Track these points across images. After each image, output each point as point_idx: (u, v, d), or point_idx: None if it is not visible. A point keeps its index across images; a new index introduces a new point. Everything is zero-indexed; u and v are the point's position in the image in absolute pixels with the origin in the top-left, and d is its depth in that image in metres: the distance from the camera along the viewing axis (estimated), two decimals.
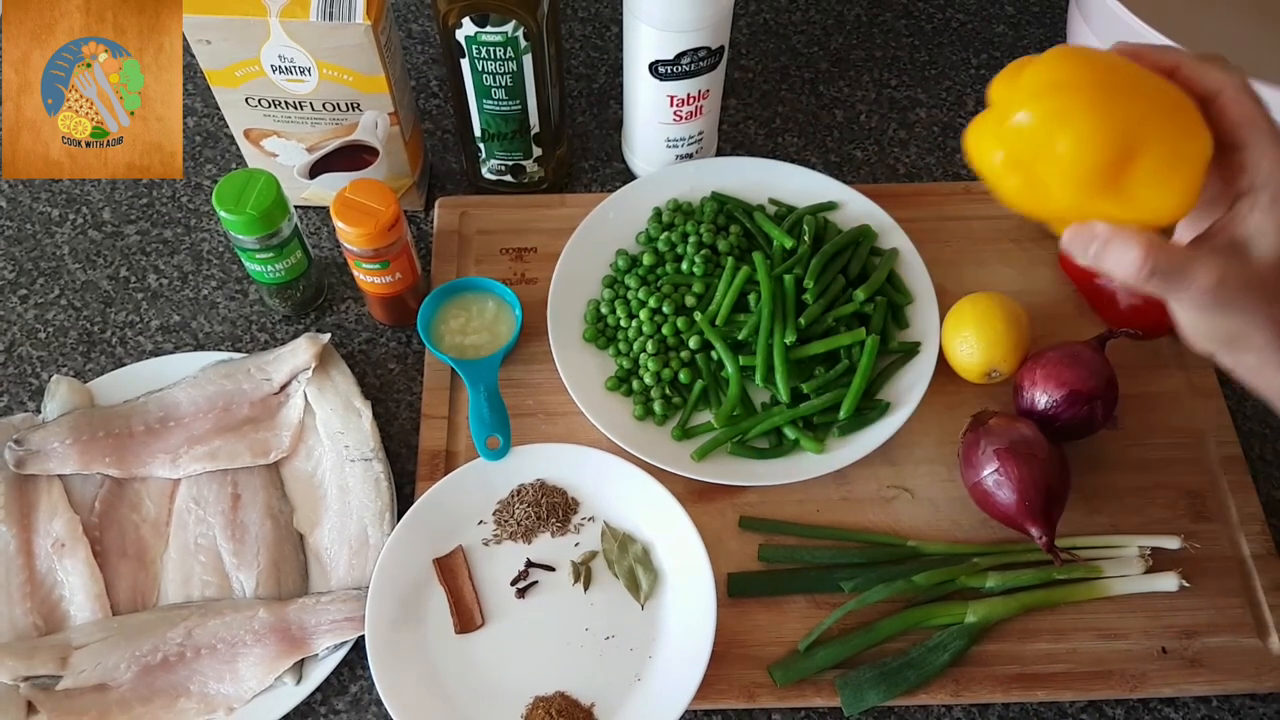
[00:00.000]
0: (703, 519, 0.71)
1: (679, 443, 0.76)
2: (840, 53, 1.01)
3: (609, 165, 0.93)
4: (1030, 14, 1.03)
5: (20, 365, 0.82)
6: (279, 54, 0.74)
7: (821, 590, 0.71)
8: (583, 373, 0.78)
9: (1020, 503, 0.67)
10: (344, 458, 0.75)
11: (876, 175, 0.92)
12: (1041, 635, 0.69)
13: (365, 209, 0.72)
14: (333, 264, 0.86)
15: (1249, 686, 0.68)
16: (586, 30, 1.02)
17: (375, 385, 0.81)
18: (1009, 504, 0.68)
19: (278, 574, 0.72)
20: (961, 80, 0.99)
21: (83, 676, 0.67)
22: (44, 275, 0.86)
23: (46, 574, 0.71)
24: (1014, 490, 0.67)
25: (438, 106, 0.96)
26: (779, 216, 0.84)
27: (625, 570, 0.71)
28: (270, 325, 0.84)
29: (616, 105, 0.96)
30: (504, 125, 0.81)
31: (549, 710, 0.66)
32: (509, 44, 0.74)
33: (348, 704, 0.69)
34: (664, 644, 0.69)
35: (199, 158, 0.92)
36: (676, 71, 0.77)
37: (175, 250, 0.87)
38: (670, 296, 0.79)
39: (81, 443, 0.74)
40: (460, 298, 0.81)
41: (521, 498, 0.73)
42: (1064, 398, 0.71)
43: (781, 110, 0.96)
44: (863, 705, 0.66)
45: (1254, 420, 0.80)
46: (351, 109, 0.78)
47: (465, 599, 0.70)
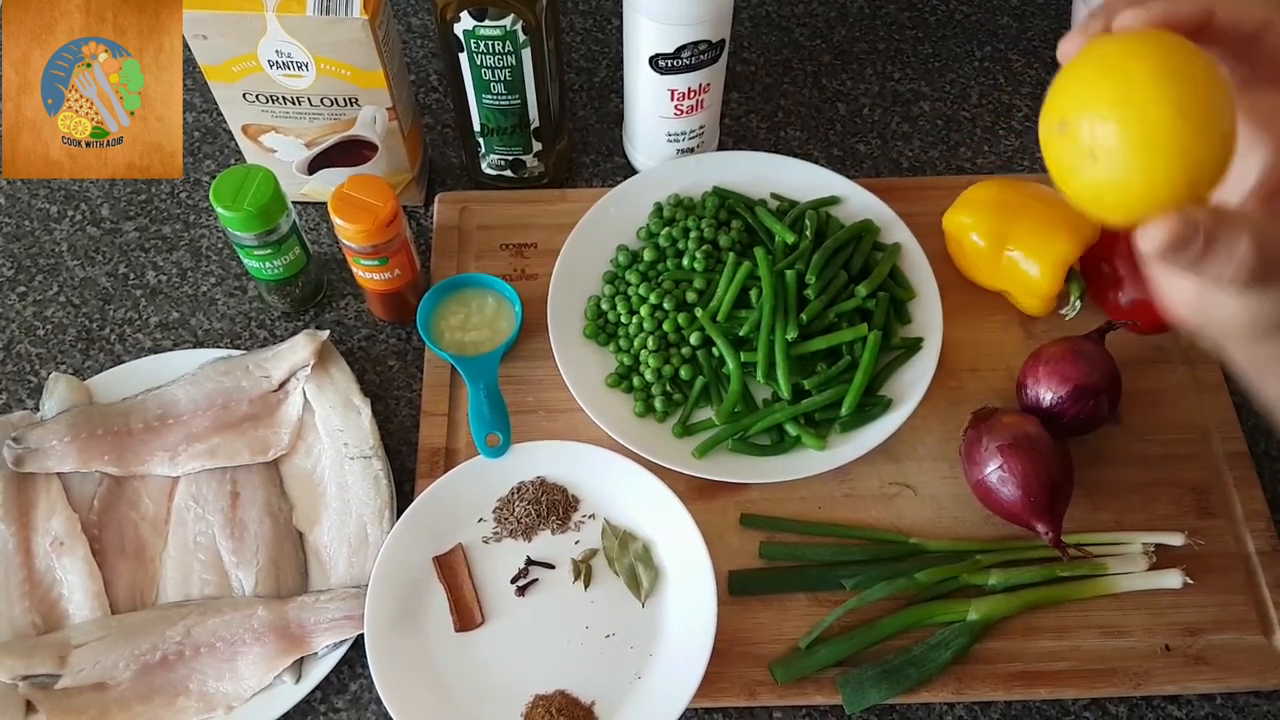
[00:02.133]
0: (704, 516, 0.71)
1: (680, 440, 0.75)
2: (843, 45, 1.00)
3: (610, 160, 0.92)
4: (1034, 5, 1.02)
5: (19, 363, 0.81)
6: (276, 49, 0.73)
7: (823, 588, 0.70)
8: (583, 369, 0.77)
9: (1024, 499, 0.67)
10: (343, 455, 0.75)
11: (879, 169, 0.92)
12: (1044, 633, 0.69)
13: (364, 205, 0.72)
14: (332, 260, 0.86)
15: (1253, 684, 0.68)
16: (586, 23, 1.01)
17: (375, 382, 0.81)
18: (1013, 500, 0.67)
19: (277, 572, 0.71)
20: (965, 73, 0.98)
21: (82, 675, 0.67)
22: (42, 272, 0.86)
23: (45, 572, 0.71)
24: (1018, 486, 0.67)
25: (437, 101, 0.96)
26: (781, 211, 0.84)
27: (626, 568, 0.71)
28: (269, 322, 0.84)
29: (617, 99, 0.95)
30: (503, 120, 0.81)
31: (549, 709, 0.66)
32: (508, 38, 0.73)
33: (347, 702, 0.69)
34: (665, 642, 0.69)
35: (197, 154, 0.92)
36: (677, 65, 0.77)
37: (174, 247, 0.87)
38: (671, 292, 0.79)
39: (80, 440, 0.74)
40: (460, 294, 0.81)
41: (521, 495, 0.73)
42: (1068, 393, 0.70)
43: (783, 104, 0.96)
44: (864, 703, 0.66)
45: (1259, 415, 0.79)
46: (350, 104, 0.78)
47: (465, 597, 0.70)
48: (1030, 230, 0.77)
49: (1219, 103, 0.36)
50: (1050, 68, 0.98)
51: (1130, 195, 0.38)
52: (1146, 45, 0.38)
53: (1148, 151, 0.36)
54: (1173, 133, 0.36)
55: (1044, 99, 0.41)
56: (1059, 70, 0.40)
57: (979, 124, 0.95)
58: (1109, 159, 0.37)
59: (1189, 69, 0.37)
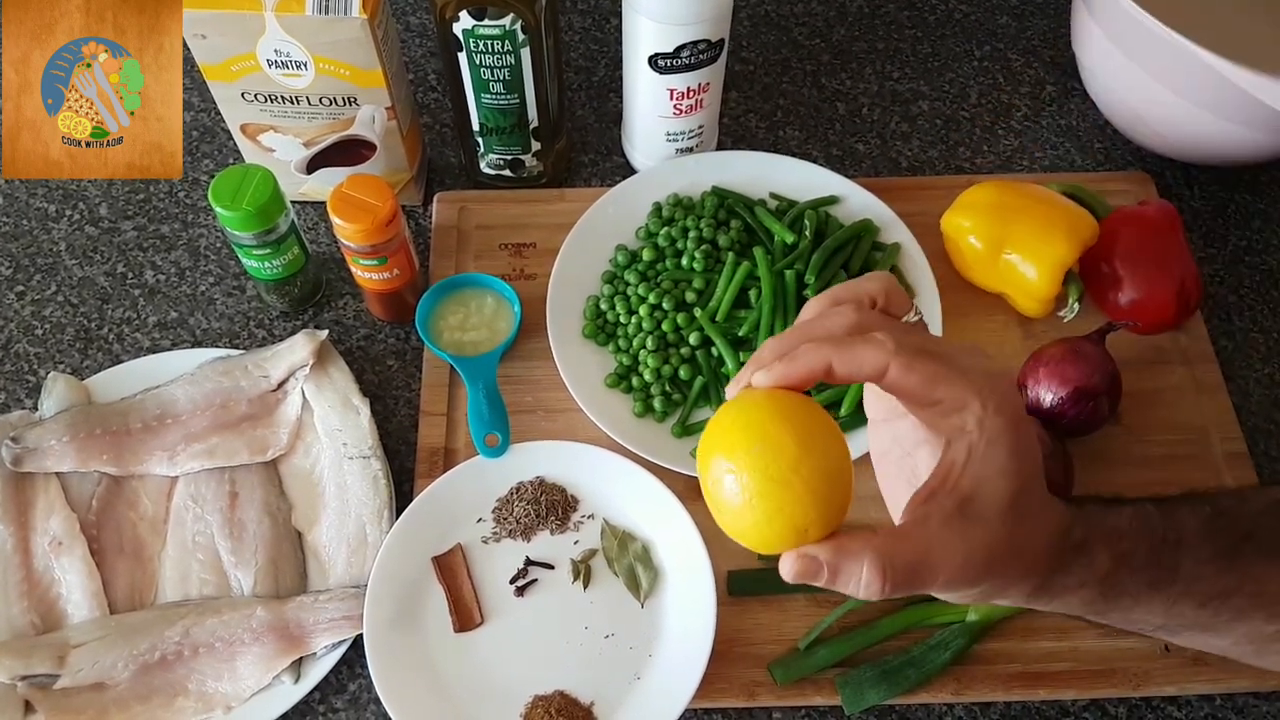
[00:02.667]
0: (703, 516, 0.70)
1: (679, 440, 0.75)
2: (842, 45, 1.00)
3: (608, 159, 0.92)
4: (1034, 5, 1.02)
5: (17, 362, 0.81)
6: (275, 48, 0.73)
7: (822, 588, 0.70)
8: (582, 369, 0.77)
9: None
10: (342, 455, 0.75)
11: (878, 169, 0.92)
12: (1043, 633, 0.69)
13: (363, 204, 0.72)
14: (330, 260, 0.86)
15: (1252, 685, 0.68)
16: (585, 23, 1.01)
17: (373, 382, 0.81)
18: None
19: (276, 572, 0.71)
20: (964, 72, 0.98)
21: (80, 675, 0.67)
22: (41, 272, 0.86)
23: (44, 572, 0.71)
24: None
25: (436, 100, 0.96)
26: (780, 211, 0.84)
27: (625, 568, 0.71)
28: (268, 322, 0.83)
29: (616, 99, 0.95)
30: (502, 119, 0.81)
31: (548, 709, 0.66)
32: (507, 37, 0.73)
33: (346, 702, 0.69)
34: (664, 642, 0.69)
35: (196, 153, 0.92)
36: (676, 65, 0.77)
37: (172, 246, 0.87)
38: (670, 292, 0.78)
39: (79, 440, 0.73)
40: (459, 294, 0.81)
41: (520, 495, 0.73)
42: (1068, 395, 0.70)
43: (783, 103, 0.96)
44: (863, 704, 0.66)
45: (1258, 416, 0.79)
46: (348, 103, 0.78)
47: (464, 597, 0.70)
48: (1028, 233, 0.77)
49: (804, 465, 0.40)
50: (1050, 68, 0.98)
51: (752, 540, 0.41)
52: (749, 413, 0.42)
53: (749, 508, 0.40)
54: (760, 493, 0.40)
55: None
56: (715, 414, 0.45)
57: (978, 124, 0.95)
58: (729, 508, 0.41)
59: (776, 434, 0.40)
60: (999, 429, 0.41)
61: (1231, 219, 0.89)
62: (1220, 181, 0.91)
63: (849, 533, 0.41)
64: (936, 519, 0.41)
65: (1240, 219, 0.89)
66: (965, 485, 0.42)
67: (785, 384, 0.42)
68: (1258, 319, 0.84)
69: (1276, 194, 0.91)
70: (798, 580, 0.41)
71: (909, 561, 0.40)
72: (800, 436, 0.40)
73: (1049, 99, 0.96)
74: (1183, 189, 0.91)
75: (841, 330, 0.43)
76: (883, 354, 0.41)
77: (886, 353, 0.41)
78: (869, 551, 0.40)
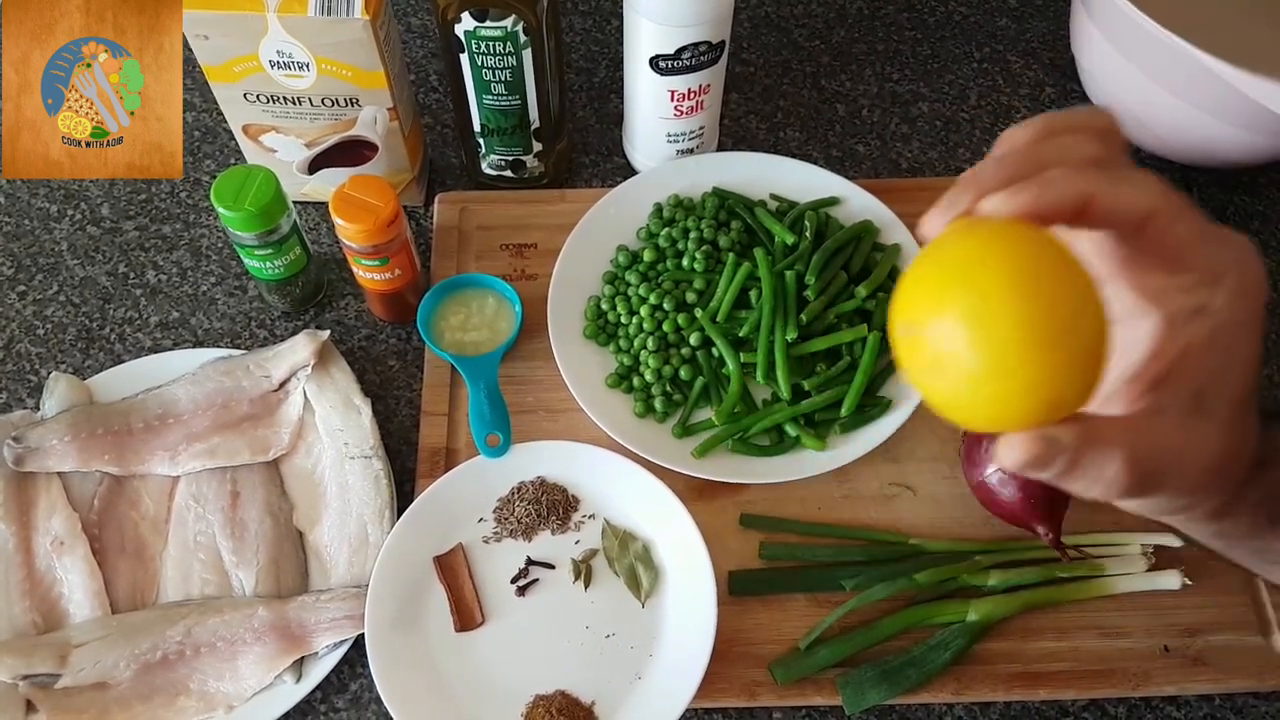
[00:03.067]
0: (703, 516, 0.71)
1: (680, 440, 0.75)
2: (842, 46, 1.00)
3: (609, 160, 0.93)
4: (1033, 6, 1.02)
5: (19, 362, 0.81)
6: (277, 49, 0.73)
7: (823, 588, 0.70)
8: (583, 369, 0.77)
9: (1025, 500, 0.67)
10: (343, 455, 0.75)
11: (879, 170, 0.92)
12: (1043, 634, 0.69)
13: (364, 205, 0.72)
14: (332, 260, 0.86)
15: (1252, 685, 0.68)
16: (586, 24, 1.01)
17: (375, 382, 0.81)
18: (1013, 501, 0.67)
19: (277, 572, 0.71)
20: (964, 74, 0.98)
21: (82, 675, 0.67)
22: (42, 271, 0.86)
23: (45, 572, 0.71)
24: (1018, 488, 0.67)
25: (437, 101, 0.96)
26: (780, 212, 0.84)
27: (626, 568, 0.71)
28: (269, 322, 0.84)
29: (617, 100, 0.95)
30: (504, 120, 0.81)
31: (549, 709, 0.66)
32: (508, 38, 0.73)
33: (347, 702, 0.69)
34: (665, 642, 0.69)
35: (197, 153, 0.92)
36: (677, 66, 0.77)
37: (174, 246, 0.87)
38: (671, 293, 0.79)
39: (80, 440, 0.74)
40: (460, 294, 0.81)
41: (522, 495, 0.73)
42: None
43: (783, 105, 0.96)
44: (864, 704, 0.66)
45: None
46: (350, 104, 0.78)
47: (465, 597, 0.70)
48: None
49: (1080, 326, 0.32)
50: (1049, 70, 0.98)
51: (980, 416, 0.34)
52: (1006, 248, 0.33)
53: (998, 376, 0.32)
54: (1025, 359, 0.31)
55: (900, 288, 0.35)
56: (919, 252, 0.36)
57: (978, 125, 0.95)
58: (956, 376, 0.33)
59: (1051, 282, 0.32)
60: (1251, 313, 0.35)
61: (1231, 221, 0.90)
62: (1219, 184, 0.91)
63: (1089, 416, 0.34)
64: (1175, 410, 0.35)
65: (1240, 221, 0.90)
66: (1204, 373, 0.35)
67: (1031, 213, 0.33)
68: None
69: (1276, 196, 0.91)
70: (1022, 469, 0.33)
71: (1159, 458, 0.34)
72: (1079, 284, 0.32)
73: (1048, 101, 0.96)
74: (1182, 191, 0.91)
75: (1085, 161, 0.35)
76: (1152, 194, 0.34)
77: (1156, 193, 0.34)
78: (1125, 440, 0.33)
